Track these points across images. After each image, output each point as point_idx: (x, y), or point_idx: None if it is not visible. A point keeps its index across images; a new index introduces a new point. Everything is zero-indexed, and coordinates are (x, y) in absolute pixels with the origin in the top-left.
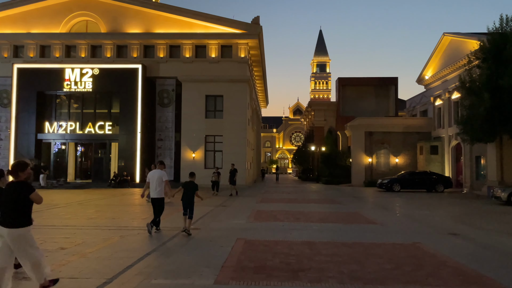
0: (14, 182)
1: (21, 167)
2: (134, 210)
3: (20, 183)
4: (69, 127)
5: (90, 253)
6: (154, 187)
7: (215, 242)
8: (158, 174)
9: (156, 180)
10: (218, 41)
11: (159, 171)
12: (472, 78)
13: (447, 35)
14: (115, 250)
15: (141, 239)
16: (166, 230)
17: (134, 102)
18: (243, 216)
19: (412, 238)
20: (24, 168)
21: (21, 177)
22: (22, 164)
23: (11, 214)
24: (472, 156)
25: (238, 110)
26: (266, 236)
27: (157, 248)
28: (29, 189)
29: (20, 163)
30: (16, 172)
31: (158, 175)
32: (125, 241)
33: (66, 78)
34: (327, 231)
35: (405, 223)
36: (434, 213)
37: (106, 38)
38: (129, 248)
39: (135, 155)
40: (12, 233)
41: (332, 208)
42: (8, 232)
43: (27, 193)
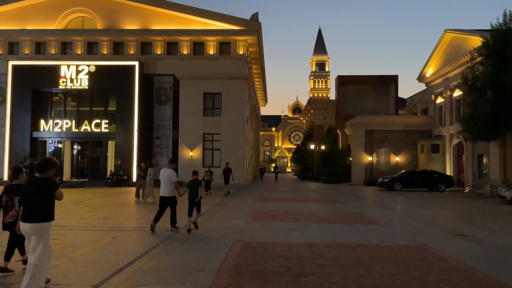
0: (41, 178)
1: (52, 164)
2: (129, 210)
3: (48, 179)
4: (65, 125)
5: (77, 256)
6: (165, 186)
7: (211, 244)
8: (168, 174)
9: (167, 179)
10: (216, 38)
11: (169, 171)
12: (475, 75)
13: (448, 31)
14: (105, 253)
15: (133, 240)
16: (161, 230)
17: (131, 100)
18: (241, 216)
19: (418, 239)
20: (54, 166)
21: (49, 174)
22: (53, 162)
23: (38, 209)
24: (474, 155)
25: (237, 108)
26: (265, 237)
27: (150, 250)
28: (55, 186)
29: (51, 160)
30: (46, 169)
31: (168, 175)
32: (117, 242)
33: (62, 75)
34: (329, 232)
35: (409, 224)
36: (438, 212)
37: (102, 34)
38: (119, 251)
39: (132, 153)
40: (36, 227)
41: (332, 208)
42: (32, 226)
43: (54, 189)
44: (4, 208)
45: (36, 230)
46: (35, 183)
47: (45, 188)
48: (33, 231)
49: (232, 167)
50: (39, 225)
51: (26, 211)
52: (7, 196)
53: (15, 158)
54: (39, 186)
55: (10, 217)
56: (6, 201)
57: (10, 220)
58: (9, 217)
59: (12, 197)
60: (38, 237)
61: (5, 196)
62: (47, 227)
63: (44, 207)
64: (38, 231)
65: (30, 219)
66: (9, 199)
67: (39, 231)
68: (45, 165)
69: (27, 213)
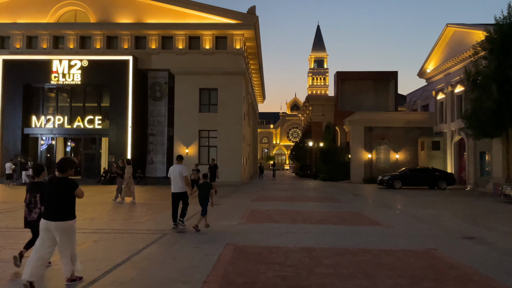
0: (60, 177)
1: (71, 164)
2: (118, 210)
3: (67, 178)
4: (57, 121)
5: (50, 263)
6: (176, 182)
7: (201, 249)
8: (179, 169)
9: (177, 175)
10: (212, 32)
11: (179, 166)
12: (479, 70)
13: (450, 26)
14: (81, 260)
15: (116, 244)
16: (148, 233)
17: (125, 95)
18: (236, 216)
19: (425, 243)
20: (73, 165)
21: (69, 173)
22: (73, 161)
23: (60, 208)
24: (476, 152)
25: (234, 104)
26: (260, 240)
27: (132, 256)
28: (75, 185)
29: (70, 160)
30: (66, 168)
31: (178, 171)
32: (97, 247)
33: (54, 70)
34: (328, 235)
35: (413, 225)
36: (442, 212)
37: (95, 28)
38: (98, 257)
39: (126, 150)
40: (61, 225)
41: (331, 207)
42: (56, 225)
43: (74, 188)
44: (28, 206)
45: (60, 228)
46: (56, 182)
47: (66, 187)
48: (56, 230)
49: (229, 165)
50: (63, 223)
51: (49, 210)
52: (30, 194)
53: (6, 155)
54: (60, 186)
55: (36, 214)
56: (29, 198)
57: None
58: (35, 214)
59: (35, 195)
60: (62, 235)
61: (28, 194)
62: (71, 225)
63: (66, 206)
64: (62, 229)
65: (54, 218)
66: (32, 197)
67: (63, 229)
68: (65, 164)
69: (50, 212)
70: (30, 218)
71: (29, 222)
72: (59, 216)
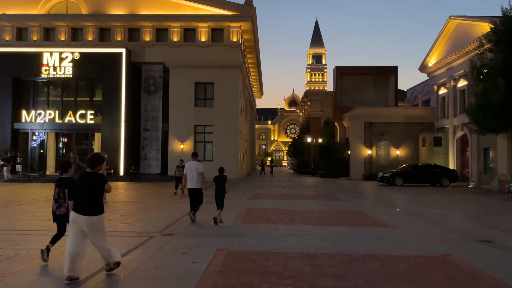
0: (91, 173)
1: (101, 159)
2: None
3: (98, 174)
4: (48, 116)
5: (12, 274)
6: (191, 178)
7: (189, 255)
8: (195, 166)
9: (194, 171)
10: (208, 24)
11: (195, 163)
12: (484, 63)
13: (453, 18)
14: (49, 269)
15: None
16: (132, 235)
17: (118, 89)
18: (230, 216)
19: (436, 247)
20: (103, 161)
21: (99, 169)
22: (102, 157)
23: (91, 203)
24: (480, 148)
25: (230, 98)
26: (255, 244)
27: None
28: (105, 180)
29: (100, 156)
30: (96, 164)
31: (195, 167)
32: None
33: (44, 63)
34: (330, 238)
35: (420, 226)
36: (449, 211)
37: (87, 20)
38: None
39: (119, 146)
40: (91, 220)
41: (332, 206)
42: (87, 219)
43: (104, 183)
44: (57, 200)
45: (89, 222)
46: (87, 178)
47: (97, 183)
48: (85, 224)
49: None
50: (92, 218)
51: (81, 205)
52: (59, 189)
53: None
54: (91, 181)
55: (65, 208)
56: (58, 193)
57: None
58: (64, 208)
59: (63, 190)
60: (91, 229)
61: (57, 189)
62: (99, 220)
63: (96, 200)
64: (90, 223)
65: (84, 212)
66: (60, 192)
67: (94, 224)
68: (95, 160)
69: (81, 206)
70: (60, 212)
71: (58, 216)
72: (88, 210)
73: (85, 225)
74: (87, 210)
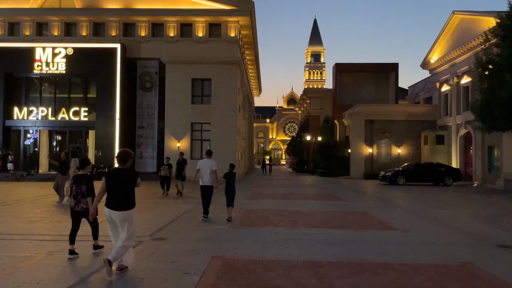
0: (123, 169)
1: (130, 155)
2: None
3: (130, 170)
4: (41, 113)
5: None
6: (206, 175)
7: (179, 264)
8: (209, 164)
9: (208, 169)
10: (205, 19)
11: (209, 161)
12: (490, 58)
13: (457, 13)
14: (19, 282)
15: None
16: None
17: (113, 86)
18: (224, 220)
19: (453, 253)
20: (132, 156)
21: (128, 164)
22: (131, 153)
23: (123, 197)
24: (484, 146)
25: (228, 95)
26: (254, 251)
27: (88, 276)
28: (136, 175)
29: (130, 152)
30: (126, 160)
31: (209, 165)
32: (48, 262)
33: (37, 59)
34: (336, 243)
35: (431, 228)
36: (458, 212)
37: (81, 14)
38: (45, 278)
39: (114, 144)
40: (123, 214)
41: (334, 206)
42: (119, 214)
43: (135, 179)
44: (75, 197)
45: (124, 217)
46: (119, 173)
47: (129, 178)
48: (121, 218)
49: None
50: (127, 212)
51: (114, 200)
52: (76, 185)
53: None
54: (123, 177)
55: (85, 204)
56: (75, 190)
57: (86, 207)
58: (84, 204)
59: (80, 187)
60: (125, 223)
61: (74, 186)
62: (131, 214)
63: (128, 195)
64: (125, 218)
65: (120, 208)
66: (78, 189)
67: (126, 218)
68: (125, 156)
69: (115, 202)
70: (79, 208)
71: (77, 212)
72: (121, 205)
73: (117, 220)
74: (120, 205)
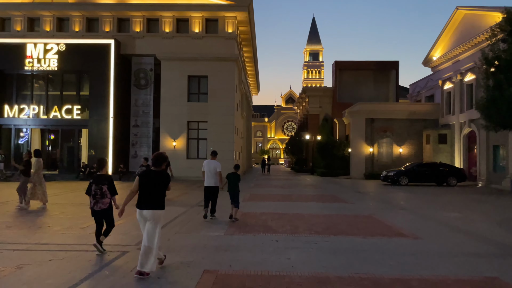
0: (157, 171)
1: (165, 158)
2: (81, 214)
3: (164, 172)
4: (32, 111)
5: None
6: (210, 176)
7: (164, 281)
8: (214, 165)
9: (212, 170)
10: (202, 14)
11: (214, 162)
12: (497, 54)
13: (460, 8)
14: None
15: (47, 272)
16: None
17: (106, 83)
18: (223, 223)
19: (475, 265)
20: (166, 160)
21: (163, 167)
22: (166, 157)
23: (155, 198)
24: (489, 146)
25: (225, 92)
26: (252, 263)
27: None
28: (169, 178)
29: (164, 155)
30: (160, 163)
31: (213, 166)
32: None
33: (28, 55)
34: (343, 252)
35: (445, 235)
36: (469, 216)
37: (74, 9)
38: None
39: (107, 143)
40: (154, 214)
41: (337, 209)
42: (150, 214)
43: (169, 181)
44: (94, 197)
45: (155, 217)
46: (153, 175)
47: (163, 180)
48: (152, 218)
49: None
50: (156, 212)
51: (147, 200)
52: (96, 185)
53: None
54: (157, 178)
55: (104, 204)
56: (95, 189)
57: (104, 207)
58: (102, 204)
59: (101, 187)
60: (155, 223)
61: (94, 186)
62: (161, 215)
63: (162, 197)
64: (156, 217)
65: (151, 207)
66: (98, 188)
67: (157, 217)
68: (160, 159)
69: (148, 202)
70: (97, 208)
71: (95, 212)
72: (153, 205)
73: (150, 219)
74: (152, 205)
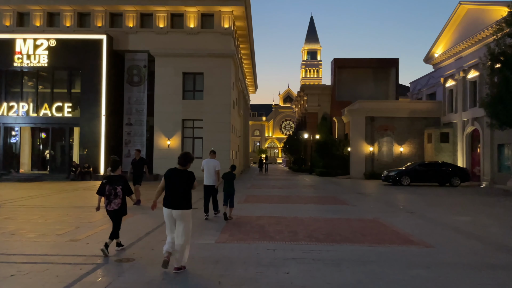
0: (183, 170)
1: (191, 159)
2: (66, 220)
3: (190, 172)
4: (21, 109)
5: None
6: (210, 175)
7: None
8: (213, 164)
9: (211, 169)
10: (197, 9)
11: (213, 161)
12: (503, 49)
13: (463, 3)
14: None
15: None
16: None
17: (98, 80)
18: (215, 228)
19: (501, 281)
20: (192, 160)
21: (188, 167)
22: (192, 157)
23: (182, 197)
24: (494, 145)
25: (221, 90)
26: (245, 278)
27: None
28: (194, 177)
29: (191, 155)
30: (187, 163)
31: (212, 165)
32: None
33: (17, 51)
34: (348, 265)
35: (458, 242)
36: (479, 219)
37: (65, 3)
38: None
39: (99, 142)
40: (182, 213)
41: (339, 212)
42: (179, 213)
43: (194, 180)
44: (108, 197)
45: (183, 216)
46: (180, 175)
47: (189, 180)
48: (180, 217)
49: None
50: (186, 211)
51: (174, 199)
52: (110, 186)
53: None
54: (184, 178)
55: (115, 205)
56: (109, 190)
57: (116, 207)
58: (114, 205)
59: (115, 187)
60: (183, 221)
61: (107, 186)
62: (189, 214)
63: (188, 196)
64: (183, 216)
65: (176, 207)
66: (112, 189)
67: (185, 216)
68: (186, 159)
69: (173, 201)
70: (110, 208)
71: (109, 212)
72: (180, 205)
73: (178, 217)
74: (179, 204)
